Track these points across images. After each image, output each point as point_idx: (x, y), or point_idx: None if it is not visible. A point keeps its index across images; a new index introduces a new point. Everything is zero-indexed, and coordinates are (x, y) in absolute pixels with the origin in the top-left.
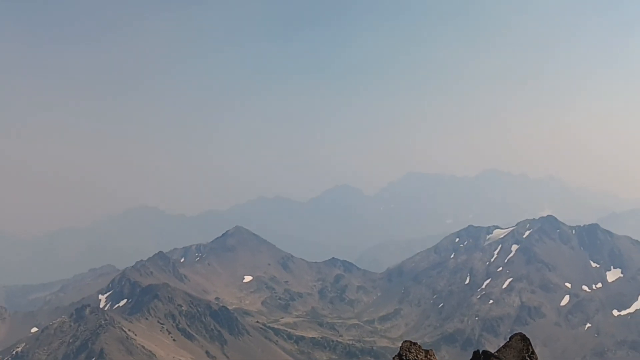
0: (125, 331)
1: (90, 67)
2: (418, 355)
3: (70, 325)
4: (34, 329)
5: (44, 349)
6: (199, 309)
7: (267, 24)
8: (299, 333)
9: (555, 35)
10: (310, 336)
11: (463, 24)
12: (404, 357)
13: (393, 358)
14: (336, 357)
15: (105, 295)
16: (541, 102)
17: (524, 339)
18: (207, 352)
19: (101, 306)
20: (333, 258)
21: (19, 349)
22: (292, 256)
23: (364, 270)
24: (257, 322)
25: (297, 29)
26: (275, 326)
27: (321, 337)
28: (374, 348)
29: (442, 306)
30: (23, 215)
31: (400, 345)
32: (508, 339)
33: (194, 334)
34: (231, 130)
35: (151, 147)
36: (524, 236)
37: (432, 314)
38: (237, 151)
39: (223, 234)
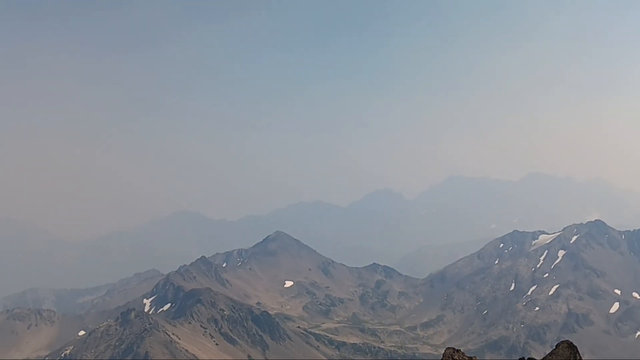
0: (169, 335)
1: (137, 74)
2: None
3: (116, 329)
4: (82, 332)
5: (91, 352)
6: (241, 314)
7: (301, 32)
8: (340, 339)
9: (597, 28)
10: (352, 342)
11: (500, 22)
12: None
13: None
14: None
15: (150, 299)
16: (586, 103)
17: (571, 346)
18: (249, 357)
19: (146, 310)
20: (374, 263)
21: (67, 352)
22: (332, 261)
23: (406, 275)
24: (298, 327)
25: (330, 35)
26: (317, 331)
27: (362, 343)
28: (416, 355)
29: (486, 313)
30: (73, 219)
31: (443, 352)
32: (554, 347)
33: (236, 339)
34: (271, 136)
35: (194, 153)
36: (571, 241)
37: (475, 321)
38: (277, 156)
39: (264, 239)
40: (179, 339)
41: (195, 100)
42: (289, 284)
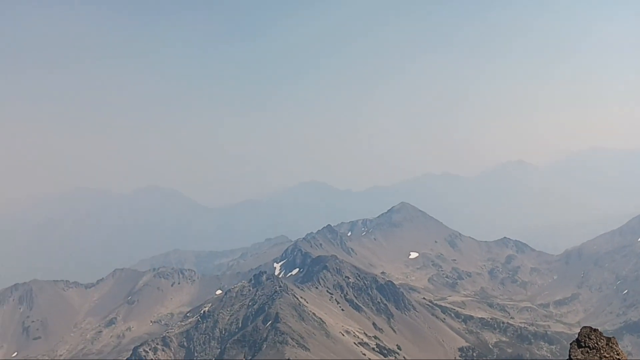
0: (297, 298)
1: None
2: (599, 343)
3: (250, 290)
4: (219, 291)
5: (227, 310)
6: (366, 282)
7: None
8: (467, 312)
9: None
10: (479, 316)
11: None
12: (583, 344)
13: (570, 344)
14: (506, 340)
15: (280, 263)
16: None
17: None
18: (374, 324)
19: (276, 273)
20: (505, 237)
21: (206, 309)
22: (460, 234)
23: (539, 251)
24: (424, 298)
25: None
26: (443, 304)
27: (491, 318)
28: (548, 333)
29: (626, 292)
30: (212, 187)
31: (578, 331)
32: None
33: (361, 306)
34: (397, 107)
35: (320, 126)
36: None
37: (614, 301)
38: (404, 128)
39: (389, 210)
40: (307, 302)
41: (323, 78)
42: (414, 255)
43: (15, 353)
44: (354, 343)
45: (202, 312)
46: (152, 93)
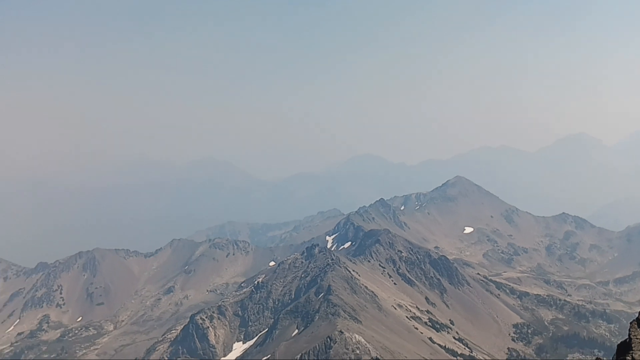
0: (349, 271)
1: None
2: None
3: (302, 262)
4: (272, 263)
5: (280, 281)
6: (419, 256)
7: None
8: (522, 289)
9: None
10: (535, 293)
11: None
12: None
13: (630, 323)
14: (563, 317)
15: (332, 236)
16: None
17: None
18: (426, 299)
19: (328, 246)
20: (563, 213)
21: (260, 280)
22: (517, 209)
23: (599, 228)
24: (478, 274)
25: None
26: (497, 280)
27: (547, 295)
28: (607, 311)
29: None
30: (265, 160)
31: (639, 310)
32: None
33: (414, 280)
34: (453, 79)
35: (373, 98)
36: None
37: None
38: (460, 101)
39: (443, 184)
40: (359, 275)
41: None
42: (468, 230)
43: (80, 317)
44: (406, 317)
45: (256, 282)
46: (209, 64)
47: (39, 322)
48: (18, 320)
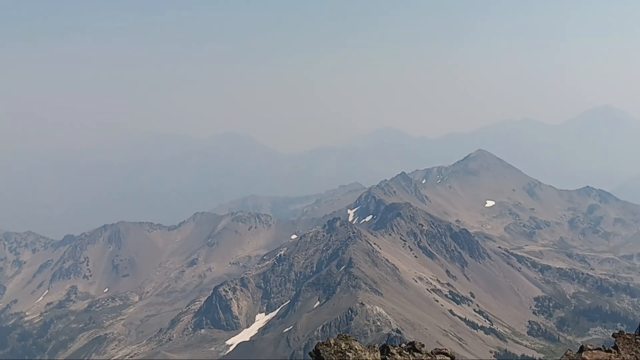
0: (370, 244)
1: None
2: None
3: (324, 235)
4: (294, 236)
5: (302, 254)
6: (440, 230)
7: None
8: (544, 262)
9: None
10: (557, 266)
11: None
12: None
13: None
14: (585, 291)
15: (354, 210)
16: None
17: None
18: (447, 272)
19: (350, 220)
20: (587, 187)
21: (282, 252)
22: (539, 182)
23: (624, 201)
24: (499, 247)
25: None
26: (519, 253)
27: (569, 269)
28: (631, 285)
29: None
30: (287, 134)
31: None
32: None
33: (435, 253)
34: (476, 51)
35: (396, 72)
36: None
37: None
38: (482, 73)
39: (465, 157)
40: (380, 248)
41: (409, 18)
42: (490, 203)
43: (107, 289)
44: (427, 289)
45: (278, 255)
46: (230, 39)
47: (67, 292)
48: (47, 291)
